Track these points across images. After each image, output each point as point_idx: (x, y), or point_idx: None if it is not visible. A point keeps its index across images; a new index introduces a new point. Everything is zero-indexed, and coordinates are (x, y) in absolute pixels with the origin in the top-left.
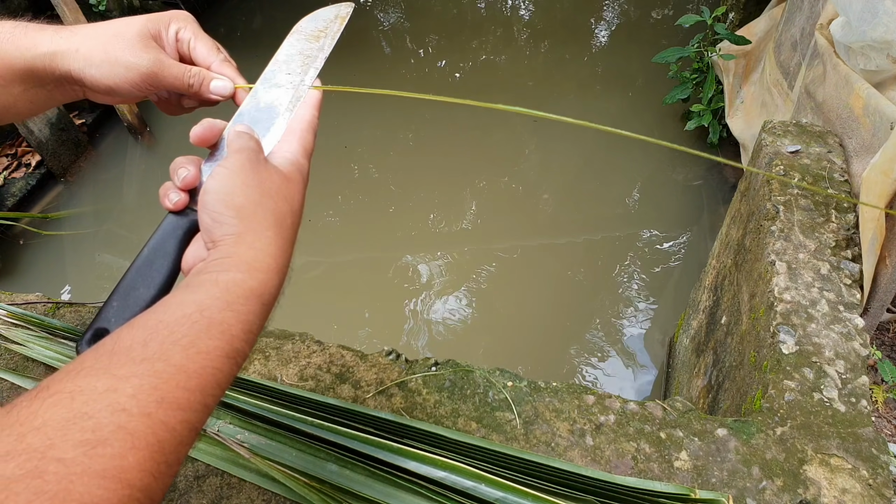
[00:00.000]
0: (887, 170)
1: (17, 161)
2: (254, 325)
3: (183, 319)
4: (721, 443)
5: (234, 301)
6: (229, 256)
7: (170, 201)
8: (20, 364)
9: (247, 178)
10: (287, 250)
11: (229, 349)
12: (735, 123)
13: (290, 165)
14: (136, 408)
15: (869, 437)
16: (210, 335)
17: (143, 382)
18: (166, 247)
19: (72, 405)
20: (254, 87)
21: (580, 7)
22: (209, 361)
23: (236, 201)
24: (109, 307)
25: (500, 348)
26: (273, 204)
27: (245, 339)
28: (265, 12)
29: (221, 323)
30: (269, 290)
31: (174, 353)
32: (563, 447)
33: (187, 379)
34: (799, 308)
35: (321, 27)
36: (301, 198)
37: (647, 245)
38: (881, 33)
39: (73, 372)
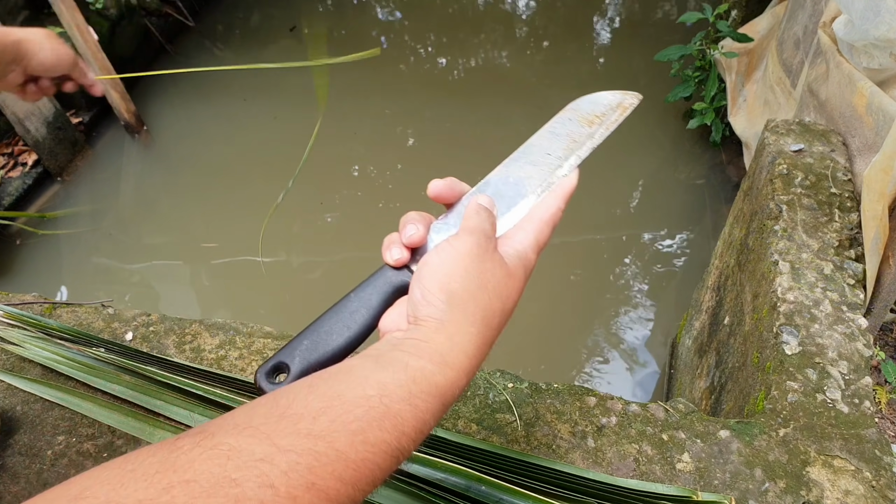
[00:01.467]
0: (888, 167)
1: (13, 160)
2: (428, 424)
3: (361, 401)
4: (723, 444)
5: (417, 394)
6: (426, 341)
7: (391, 256)
8: (16, 364)
9: (469, 266)
10: (484, 351)
11: (396, 446)
12: (738, 122)
13: (517, 259)
14: (285, 487)
15: (872, 439)
16: (382, 427)
17: (300, 461)
18: (372, 300)
19: (226, 465)
20: (510, 158)
21: (581, 4)
22: (372, 455)
23: (452, 286)
24: (299, 344)
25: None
26: (487, 299)
27: (414, 438)
28: (262, 10)
29: (397, 415)
30: (453, 390)
31: (341, 437)
32: (565, 449)
33: (344, 468)
34: (802, 308)
35: (599, 112)
36: (517, 296)
37: (649, 245)
38: (884, 31)
39: (240, 426)
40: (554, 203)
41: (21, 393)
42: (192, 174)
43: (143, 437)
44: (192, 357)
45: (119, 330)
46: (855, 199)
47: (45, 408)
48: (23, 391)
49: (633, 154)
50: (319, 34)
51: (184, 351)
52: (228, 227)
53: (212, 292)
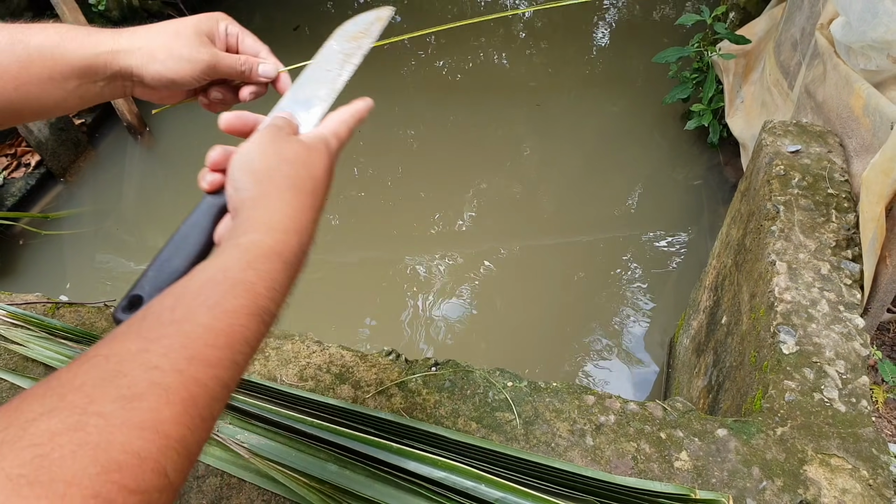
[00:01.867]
0: (887, 169)
1: (16, 161)
2: (277, 282)
3: (207, 282)
4: (721, 443)
5: (255, 260)
6: (248, 220)
7: (205, 182)
8: (20, 364)
9: (266, 147)
10: (306, 213)
11: (254, 307)
12: (735, 123)
13: (314, 138)
14: (168, 365)
15: (869, 438)
16: (234, 294)
17: (172, 342)
18: (201, 222)
19: (107, 366)
20: (295, 82)
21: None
22: (235, 319)
23: (254, 166)
24: (145, 277)
25: (501, 348)
26: (291, 169)
27: (270, 297)
28: (264, 11)
29: (244, 282)
30: (288, 248)
31: (200, 314)
32: (564, 447)
33: (215, 337)
34: (799, 308)
35: (362, 28)
36: (323, 166)
37: (648, 245)
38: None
39: (107, 339)
40: (348, 112)
41: None
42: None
43: None
44: None
45: None
46: (852, 199)
47: None
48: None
49: (631, 155)
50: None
51: None
52: None
53: None
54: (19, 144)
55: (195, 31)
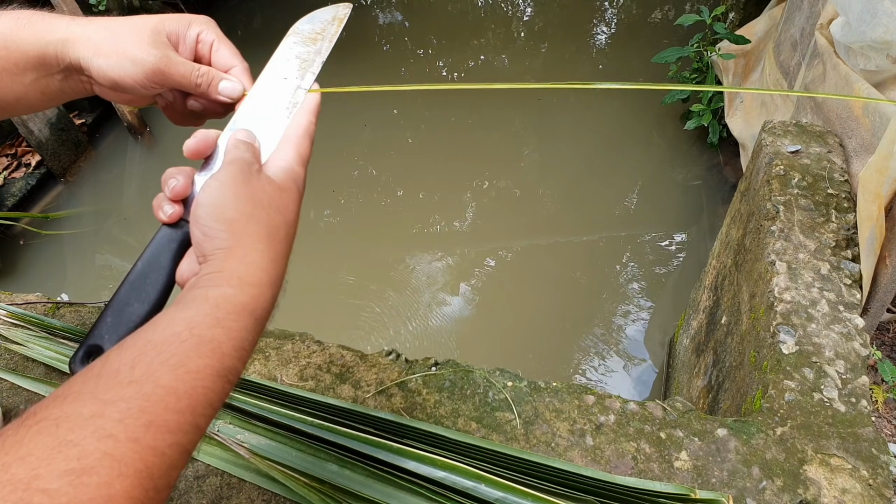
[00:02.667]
0: (882, 168)
1: (16, 161)
2: (246, 341)
3: (172, 338)
4: (721, 443)
5: (225, 318)
6: (220, 271)
7: (163, 213)
8: (20, 364)
9: (238, 190)
10: (280, 263)
11: (220, 367)
12: (735, 123)
13: (284, 174)
14: (123, 433)
15: (869, 438)
16: (200, 354)
17: (130, 406)
18: (160, 260)
19: (57, 432)
20: (248, 92)
21: (580, 7)
22: (200, 381)
23: (227, 214)
24: (103, 323)
25: (501, 348)
26: (265, 216)
27: (237, 357)
28: (265, 12)
29: (211, 341)
30: (261, 304)
31: (163, 373)
32: (564, 447)
33: (177, 400)
34: (799, 308)
35: (318, 29)
36: (295, 208)
37: (647, 245)
38: (881, 33)
39: (59, 397)
40: (305, 118)
41: (24, 392)
42: None
43: None
44: None
45: None
46: (852, 199)
47: None
48: (26, 390)
49: (630, 155)
50: None
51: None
52: None
53: None
54: (20, 144)
55: (153, 29)
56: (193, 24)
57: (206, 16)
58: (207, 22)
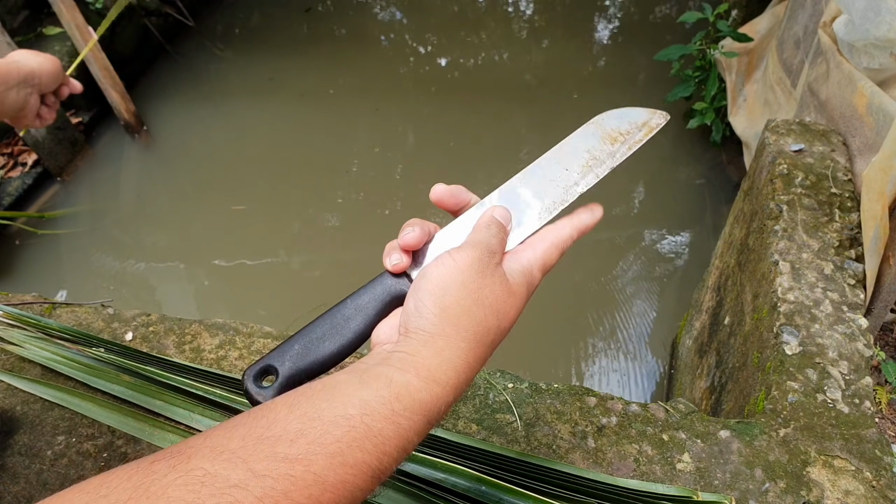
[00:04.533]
0: (886, 167)
1: (13, 160)
2: (411, 441)
3: (342, 421)
4: (724, 444)
5: (401, 412)
6: (414, 355)
7: (390, 262)
8: (16, 364)
9: (467, 280)
10: (474, 368)
11: (377, 466)
12: (738, 122)
13: (521, 276)
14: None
15: (872, 439)
16: (363, 448)
17: (275, 486)
18: (368, 307)
19: (200, 492)
20: (524, 171)
21: (581, 4)
22: (352, 477)
23: (446, 300)
24: (290, 348)
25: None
26: (482, 316)
27: (396, 458)
28: (262, 10)
29: (378, 435)
30: (439, 406)
31: (319, 459)
32: (565, 449)
33: (322, 492)
34: (802, 308)
35: (624, 130)
36: (516, 314)
37: (650, 245)
38: (884, 31)
39: (217, 449)
40: (568, 229)
41: (21, 393)
42: (191, 174)
43: (143, 437)
44: (191, 357)
45: (119, 330)
46: (855, 199)
47: (44, 408)
48: (23, 391)
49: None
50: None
51: (184, 351)
52: (229, 227)
53: (211, 292)
54: (16, 143)
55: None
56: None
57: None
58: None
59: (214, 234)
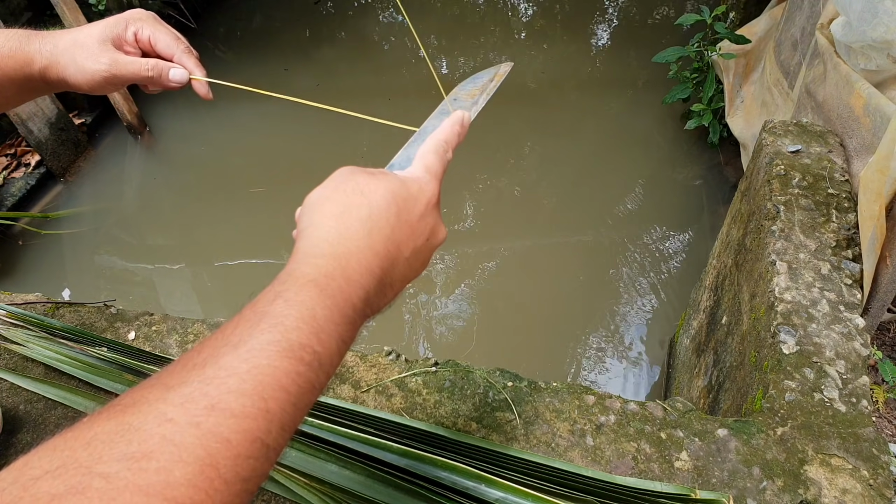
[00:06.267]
0: (884, 168)
1: (16, 161)
2: (316, 315)
3: (236, 319)
4: (721, 443)
5: (285, 290)
6: (291, 255)
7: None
8: (19, 364)
9: (326, 183)
10: (350, 237)
11: (285, 343)
12: (735, 123)
13: (387, 169)
14: (183, 417)
15: (870, 438)
16: (260, 330)
17: (192, 390)
18: None
19: (122, 418)
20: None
21: (580, 7)
22: (263, 359)
23: (309, 200)
24: None
25: (501, 348)
26: (342, 196)
27: (307, 332)
28: (264, 12)
29: (272, 315)
30: (326, 274)
31: (224, 354)
32: (564, 447)
33: (240, 382)
34: (799, 308)
35: (479, 86)
36: (383, 191)
37: (648, 245)
38: (881, 33)
39: (137, 386)
40: (435, 138)
41: (24, 392)
42: (194, 175)
43: None
44: None
45: (122, 330)
46: (852, 199)
47: (47, 407)
48: (26, 390)
49: (631, 155)
50: None
51: (186, 350)
52: (229, 227)
53: (214, 292)
54: (19, 144)
55: (99, 38)
56: (130, 23)
57: (142, 10)
58: (142, 17)
59: (217, 234)
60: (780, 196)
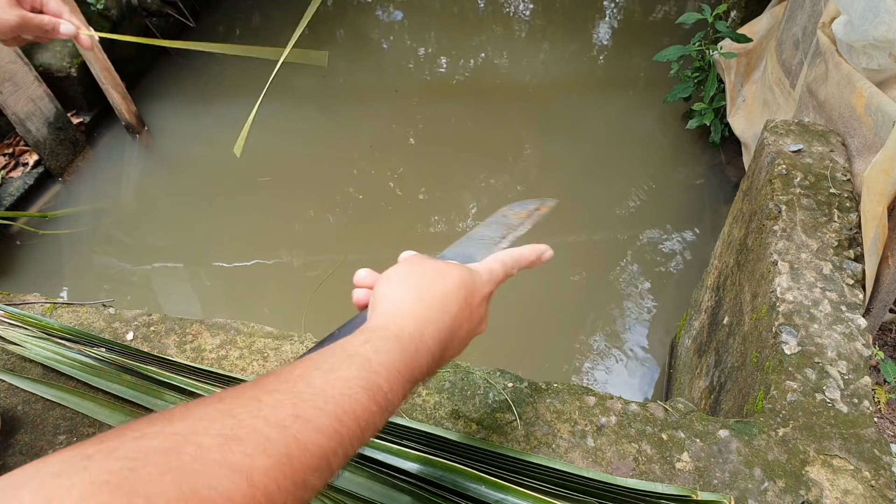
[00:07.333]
0: (888, 168)
1: (14, 160)
2: (395, 363)
3: (326, 353)
4: (723, 444)
5: (372, 338)
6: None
7: (354, 297)
8: (17, 364)
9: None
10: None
11: (368, 382)
12: (737, 122)
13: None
14: (274, 417)
15: (871, 438)
16: (350, 364)
17: (283, 398)
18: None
19: (219, 406)
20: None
21: (581, 5)
22: (347, 389)
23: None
24: None
25: (501, 349)
26: (423, 273)
27: (385, 376)
28: (263, 10)
29: (360, 355)
30: (405, 331)
31: (315, 377)
32: (564, 448)
33: (324, 401)
34: (801, 308)
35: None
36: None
37: (649, 245)
38: (883, 32)
39: (230, 388)
40: (510, 254)
41: (22, 393)
42: (193, 175)
43: None
44: (192, 357)
45: (120, 330)
46: (854, 199)
47: (45, 407)
48: (24, 391)
49: (632, 154)
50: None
51: (185, 351)
52: (228, 227)
53: (212, 292)
54: (17, 143)
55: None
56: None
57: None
58: None
59: (215, 234)
60: (782, 196)
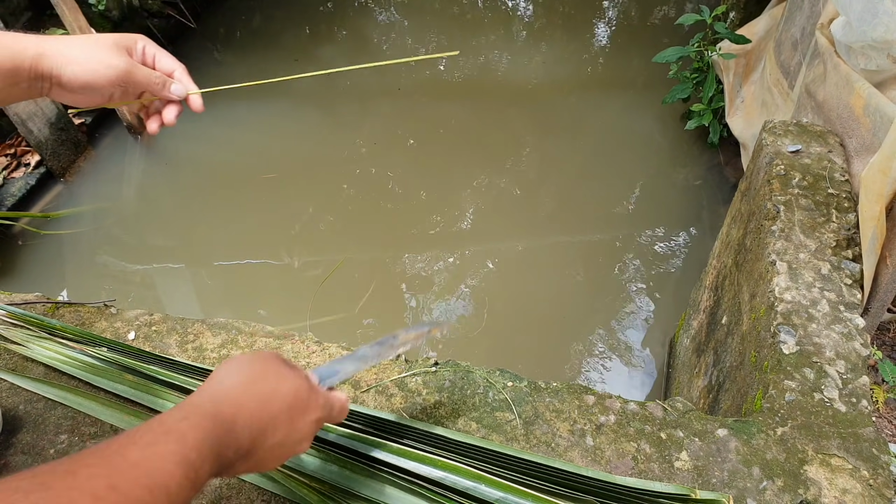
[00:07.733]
0: (885, 168)
1: (16, 160)
2: (208, 440)
3: (144, 427)
4: (721, 443)
5: (190, 414)
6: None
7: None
8: (19, 364)
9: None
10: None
11: (181, 457)
12: (735, 123)
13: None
14: (89, 488)
15: (869, 438)
16: (166, 440)
17: (99, 471)
18: None
19: (34, 479)
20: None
21: (580, 6)
22: (163, 463)
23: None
24: None
25: (500, 348)
26: (262, 370)
27: (199, 451)
28: (264, 11)
29: (178, 431)
30: (221, 413)
31: (132, 451)
32: (564, 447)
33: (137, 475)
34: (799, 308)
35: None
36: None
37: (648, 245)
38: (881, 33)
39: (50, 462)
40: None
41: (24, 392)
42: (194, 175)
43: None
44: (194, 356)
45: (121, 329)
46: (852, 199)
47: (47, 407)
48: (25, 390)
49: (631, 155)
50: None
51: (186, 350)
52: (229, 226)
53: (214, 292)
54: (19, 144)
55: (114, 42)
56: (139, 40)
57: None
58: (146, 38)
59: (216, 234)
60: (780, 196)
